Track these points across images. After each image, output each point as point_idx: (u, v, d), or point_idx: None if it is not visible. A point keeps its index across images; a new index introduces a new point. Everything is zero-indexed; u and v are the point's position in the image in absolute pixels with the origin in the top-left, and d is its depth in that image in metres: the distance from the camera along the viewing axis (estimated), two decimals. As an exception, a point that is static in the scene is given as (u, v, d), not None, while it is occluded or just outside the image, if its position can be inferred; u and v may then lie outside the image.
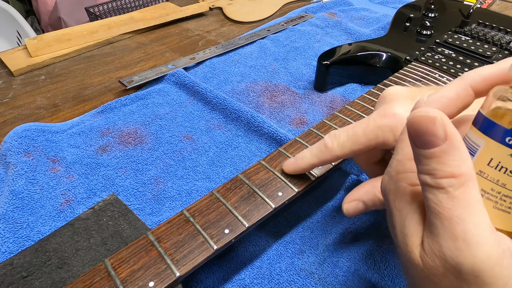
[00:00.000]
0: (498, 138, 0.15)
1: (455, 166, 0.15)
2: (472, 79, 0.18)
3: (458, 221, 0.15)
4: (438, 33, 0.56)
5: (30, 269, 0.28)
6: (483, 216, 0.16)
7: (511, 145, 0.15)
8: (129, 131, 0.45)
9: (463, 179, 0.15)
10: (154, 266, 0.24)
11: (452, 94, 0.18)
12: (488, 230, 0.16)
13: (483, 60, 0.48)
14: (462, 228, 0.15)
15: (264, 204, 0.28)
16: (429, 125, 0.15)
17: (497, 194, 0.16)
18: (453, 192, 0.15)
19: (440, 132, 0.15)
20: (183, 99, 0.51)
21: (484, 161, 0.16)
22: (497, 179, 0.16)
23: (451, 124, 0.16)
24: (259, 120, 0.45)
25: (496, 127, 0.15)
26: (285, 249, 0.32)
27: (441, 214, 0.16)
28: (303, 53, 0.62)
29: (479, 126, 0.16)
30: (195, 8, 0.79)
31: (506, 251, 0.16)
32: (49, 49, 0.62)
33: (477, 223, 0.15)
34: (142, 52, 0.65)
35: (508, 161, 0.15)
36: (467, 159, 0.16)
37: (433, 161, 0.16)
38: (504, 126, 0.15)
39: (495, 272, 0.15)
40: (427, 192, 0.16)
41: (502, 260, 0.16)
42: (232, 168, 0.41)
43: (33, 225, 0.34)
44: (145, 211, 0.36)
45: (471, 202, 0.15)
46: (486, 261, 0.15)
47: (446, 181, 0.15)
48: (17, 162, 0.39)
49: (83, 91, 0.55)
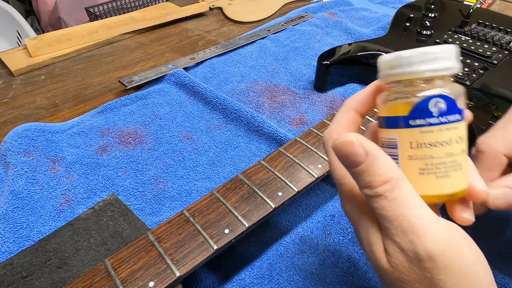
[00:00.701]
0: (404, 125, 0.19)
1: (384, 174, 0.18)
2: (352, 104, 0.23)
3: (403, 218, 0.18)
4: (438, 33, 0.56)
5: (30, 269, 0.28)
6: (422, 207, 0.18)
7: (415, 125, 0.18)
8: (129, 131, 0.45)
9: (394, 182, 0.18)
10: (154, 266, 0.24)
11: (345, 120, 0.23)
12: (431, 218, 0.18)
13: (483, 60, 0.48)
14: (408, 223, 0.17)
15: (264, 204, 0.28)
16: (349, 148, 0.18)
17: (432, 166, 0.18)
18: (390, 195, 0.18)
19: (360, 151, 0.18)
20: (183, 99, 0.51)
21: (407, 147, 0.19)
22: (424, 154, 0.18)
23: (367, 140, 0.18)
24: (259, 120, 0.45)
25: (399, 119, 0.19)
26: (285, 249, 0.32)
27: (388, 216, 0.18)
28: (303, 53, 0.62)
29: (387, 126, 0.20)
30: (195, 8, 0.79)
31: (455, 234, 0.18)
32: (49, 49, 0.62)
33: (418, 214, 0.18)
34: (142, 52, 0.65)
35: (421, 137, 0.18)
36: (391, 164, 0.18)
37: (365, 176, 0.18)
38: (403, 115, 0.18)
39: (446, 255, 0.17)
40: (371, 202, 0.19)
41: (451, 243, 0.17)
42: (232, 168, 0.41)
43: (33, 225, 0.34)
44: (145, 211, 0.36)
45: (408, 199, 0.18)
46: (436, 246, 0.17)
47: (381, 188, 0.18)
48: (17, 162, 0.39)
49: (83, 91, 0.55)
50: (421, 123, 0.18)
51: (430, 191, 0.19)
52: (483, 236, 0.34)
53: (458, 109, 0.18)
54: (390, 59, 0.19)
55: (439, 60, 0.18)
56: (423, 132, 0.18)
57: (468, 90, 0.43)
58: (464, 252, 0.18)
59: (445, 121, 0.18)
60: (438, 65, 0.18)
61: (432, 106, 0.18)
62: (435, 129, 0.18)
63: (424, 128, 0.18)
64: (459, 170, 0.19)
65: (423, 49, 0.18)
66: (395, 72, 0.19)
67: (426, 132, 0.18)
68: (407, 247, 0.18)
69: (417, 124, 0.18)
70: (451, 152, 0.18)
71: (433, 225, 0.17)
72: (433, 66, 0.18)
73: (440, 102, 0.18)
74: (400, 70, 0.19)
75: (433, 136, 0.18)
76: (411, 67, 0.18)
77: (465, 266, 0.18)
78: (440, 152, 0.18)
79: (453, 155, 0.18)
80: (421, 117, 0.18)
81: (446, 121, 0.18)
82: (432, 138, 0.18)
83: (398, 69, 0.19)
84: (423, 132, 0.18)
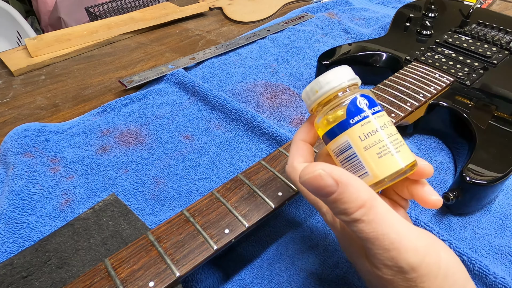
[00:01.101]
0: (347, 127, 0.22)
1: (357, 198, 0.19)
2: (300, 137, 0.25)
3: (384, 237, 0.18)
4: (438, 33, 0.56)
5: (30, 269, 0.28)
6: (397, 220, 0.19)
7: (355, 122, 0.21)
8: (129, 131, 0.45)
9: (369, 204, 0.19)
10: (154, 266, 0.24)
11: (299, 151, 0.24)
12: (407, 230, 0.19)
13: (483, 60, 0.48)
14: (388, 241, 0.18)
15: (264, 204, 0.28)
16: (318, 181, 0.19)
17: (385, 147, 0.21)
18: (368, 218, 0.18)
19: (329, 181, 0.19)
20: (183, 99, 0.51)
21: (359, 142, 0.21)
22: (373, 141, 0.21)
23: (334, 168, 0.19)
24: (259, 120, 0.45)
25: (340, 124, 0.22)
26: (285, 249, 0.32)
27: (369, 239, 0.19)
28: (303, 53, 0.62)
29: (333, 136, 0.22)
30: (195, 8, 0.79)
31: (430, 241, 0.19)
32: (49, 49, 0.62)
33: (397, 230, 0.18)
34: (142, 52, 0.65)
35: (365, 129, 0.21)
36: (362, 185, 0.19)
37: (339, 204, 0.19)
38: (343, 119, 0.22)
39: (426, 263, 0.18)
40: (350, 227, 0.19)
41: (429, 250, 0.19)
42: (232, 168, 0.41)
43: (33, 225, 0.34)
44: (145, 211, 0.36)
45: (384, 216, 0.19)
46: (417, 257, 0.18)
47: (358, 213, 0.18)
48: (17, 162, 0.39)
49: (83, 91, 0.55)
50: (358, 118, 0.21)
51: (395, 167, 0.21)
52: (484, 235, 0.34)
53: (377, 103, 0.22)
54: (311, 87, 0.23)
55: (346, 74, 0.23)
56: (364, 125, 0.21)
57: (468, 90, 0.43)
58: (441, 256, 0.19)
59: (374, 111, 0.22)
60: (348, 76, 0.23)
61: (360, 103, 0.22)
62: (371, 119, 0.21)
63: (363, 121, 0.21)
64: (404, 145, 0.22)
65: (330, 70, 0.23)
66: (319, 94, 0.23)
67: (366, 123, 0.21)
68: (391, 263, 0.18)
69: (356, 120, 0.21)
70: (391, 133, 0.22)
71: (411, 237, 0.18)
72: (346, 77, 0.23)
73: (363, 99, 0.22)
74: (323, 90, 0.23)
75: (372, 125, 0.21)
76: (330, 84, 0.22)
77: (444, 269, 0.19)
78: (384, 135, 0.21)
79: (394, 134, 0.22)
80: (356, 114, 0.22)
81: (375, 111, 0.22)
82: (372, 126, 0.21)
83: (321, 90, 0.23)
84: (364, 125, 0.21)
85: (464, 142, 0.40)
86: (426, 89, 0.42)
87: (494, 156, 0.35)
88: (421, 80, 0.44)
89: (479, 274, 0.30)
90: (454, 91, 0.43)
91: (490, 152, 0.36)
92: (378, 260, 0.19)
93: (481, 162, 0.34)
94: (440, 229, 0.34)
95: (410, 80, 0.43)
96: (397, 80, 0.44)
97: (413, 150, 0.41)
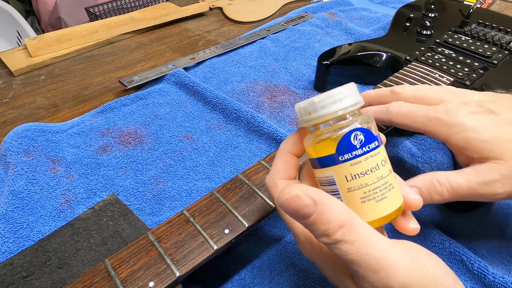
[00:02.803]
0: (335, 162, 0.20)
1: (337, 218, 0.18)
2: (287, 147, 0.24)
3: (369, 257, 0.18)
4: (438, 33, 0.56)
5: (30, 269, 0.28)
6: (379, 238, 0.18)
7: (344, 160, 0.20)
8: (129, 131, 0.45)
9: (349, 223, 0.18)
10: (154, 266, 0.24)
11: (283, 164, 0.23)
12: (391, 247, 0.18)
13: (483, 60, 0.48)
14: (374, 260, 0.18)
15: (264, 204, 0.28)
16: (296, 202, 0.18)
17: (370, 193, 0.20)
18: (350, 238, 0.18)
19: (307, 201, 0.18)
20: (183, 99, 0.51)
21: (343, 181, 0.20)
22: (359, 184, 0.20)
23: (312, 189, 0.19)
24: (259, 120, 0.45)
25: (328, 158, 0.20)
26: (285, 249, 0.32)
27: (354, 260, 0.18)
28: (303, 53, 0.62)
29: (321, 166, 0.21)
30: (195, 8, 0.79)
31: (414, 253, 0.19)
32: (49, 49, 0.62)
33: (381, 248, 0.18)
34: (142, 52, 0.65)
35: (353, 169, 0.20)
36: (340, 206, 0.18)
37: (319, 225, 0.18)
38: (332, 154, 0.20)
39: (415, 278, 0.18)
40: (332, 249, 0.19)
41: (416, 264, 0.18)
42: (232, 168, 0.41)
43: (33, 225, 0.34)
44: (145, 211, 0.36)
45: (367, 236, 0.18)
46: (405, 274, 0.18)
47: (339, 233, 0.18)
48: (17, 162, 0.39)
49: (83, 91, 0.55)
50: (348, 157, 0.20)
51: (375, 215, 0.20)
52: (484, 235, 0.34)
53: (374, 137, 0.20)
54: (304, 106, 0.21)
55: (346, 98, 0.20)
56: (353, 165, 0.20)
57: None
58: (427, 266, 0.19)
59: (368, 150, 0.20)
60: (346, 102, 0.20)
61: (353, 139, 0.20)
62: (362, 159, 0.20)
63: (352, 161, 0.20)
64: (392, 189, 0.21)
65: (330, 92, 0.20)
66: (311, 117, 0.21)
67: (355, 164, 0.20)
68: (381, 285, 0.18)
69: (346, 158, 0.20)
70: (381, 175, 0.20)
71: (396, 254, 0.18)
72: (343, 105, 0.20)
73: (359, 134, 0.20)
74: (316, 114, 0.20)
75: (362, 166, 0.20)
76: (325, 109, 0.20)
77: (433, 279, 0.18)
78: (372, 178, 0.20)
79: (384, 177, 0.20)
80: (347, 151, 0.20)
81: (369, 150, 0.20)
82: (361, 167, 0.20)
83: (314, 113, 0.21)
84: (353, 165, 0.20)
85: (464, 142, 0.40)
86: (426, 89, 0.42)
87: (494, 156, 0.35)
88: (421, 80, 0.44)
89: (478, 274, 0.30)
90: (454, 91, 0.43)
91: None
92: (368, 284, 0.18)
93: (481, 162, 0.34)
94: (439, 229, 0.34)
95: (410, 80, 0.43)
96: (397, 80, 0.44)
97: (412, 151, 0.41)
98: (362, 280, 0.18)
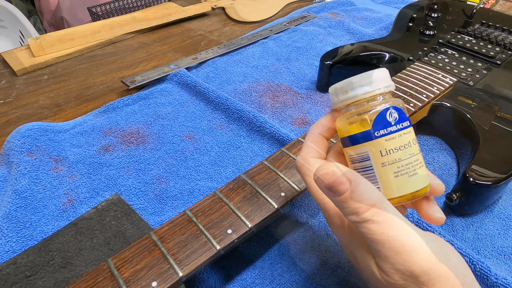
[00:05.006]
0: (371, 138, 0.21)
1: (368, 199, 0.19)
2: (318, 129, 0.25)
3: (394, 239, 0.18)
4: (441, 33, 0.56)
5: (33, 268, 0.28)
6: (406, 223, 0.19)
7: (380, 135, 0.21)
8: (132, 131, 0.45)
9: (379, 205, 0.19)
10: (157, 266, 0.24)
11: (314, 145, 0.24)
12: (417, 234, 0.19)
13: (487, 60, 0.48)
14: (399, 243, 0.18)
15: (267, 204, 0.28)
16: (332, 178, 0.19)
17: (403, 168, 0.21)
18: (378, 219, 0.19)
19: (342, 179, 0.19)
20: (186, 99, 0.51)
21: (378, 156, 0.21)
22: (393, 159, 0.21)
23: (347, 168, 0.20)
24: (261, 120, 0.45)
25: (364, 134, 0.21)
26: (286, 250, 0.32)
27: (379, 240, 0.19)
28: (306, 53, 0.62)
29: (354, 143, 0.22)
30: (198, 8, 0.79)
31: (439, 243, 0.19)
32: (52, 49, 0.62)
33: (407, 232, 0.18)
34: (145, 52, 0.65)
35: (388, 144, 0.21)
36: (372, 187, 0.19)
37: (350, 203, 0.19)
38: (368, 129, 0.21)
39: (438, 266, 0.18)
40: (359, 227, 0.19)
41: (439, 253, 0.19)
42: (234, 168, 0.41)
43: (36, 225, 0.34)
44: (148, 210, 0.36)
45: (394, 219, 0.19)
46: (428, 260, 0.18)
47: (368, 213, 0.19)
48: (20, 162, 0.39)
49: (85, 91, 0.55)
50: (384, 132, 0.21)
51: (407, 190, 0.21)
52: (486, 236, 0.34)
53: (407, 117, 0.21)
54: (341, 86, 0.22)
55: (381, 80, 0.21)
56: (388, 140, 0.21)
57: (471, 91, 0.43)
58: (450, 258, 0.19)
59: (401, 128, 0.21)
60: (382, 83, 0.21)
61: (389, 117, 0.21)
62: (396, 135, 0.21)
63: (388, 136, 0.21)
64: (422, 166, 0.21)
65: (366, 73, 0.21)
66: (348, 96, 0.22)
67: (390, 139, 0.21)
68: (401, 267, 0.18)
69: (381, 134, 0.21)
70: (413, 152, 0.21)
71: (420, 240, 0.18)
72: (379, 85, 0.21)
73: (394, 112, 0.21)
74: (353, 93, 0.22)
75: (396, 142, 0.21)
76: (362, 88, 0.21)
77: (454, 270, 0.19)
78: (405, 154, 0.21)
79: (415, 155, 0.21)
80: (383, 127, 0.21)
81: (402, 127, 0.21)
82: (396, 143, 0.21)
83: (351, 92, 0.22)
84: (388, 140, 0.21)
85: (467, 143, 0.40)
86: (429, 89, 0.42)
87: (497, 157, 0.35)
88: (424, 80, 0.44)
89: (480, 275, 0.29)
90: (457, 91, 0.43)
91: (493, 153, 0.36)
92: (389, 265, 0.19)
93: (485, 163, 0.34)
94: (442, 230, 0.34)
95: (413, 81, 0.43)
96: (400, 81, 0.43)
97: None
98: (384, 261, 0.19)
